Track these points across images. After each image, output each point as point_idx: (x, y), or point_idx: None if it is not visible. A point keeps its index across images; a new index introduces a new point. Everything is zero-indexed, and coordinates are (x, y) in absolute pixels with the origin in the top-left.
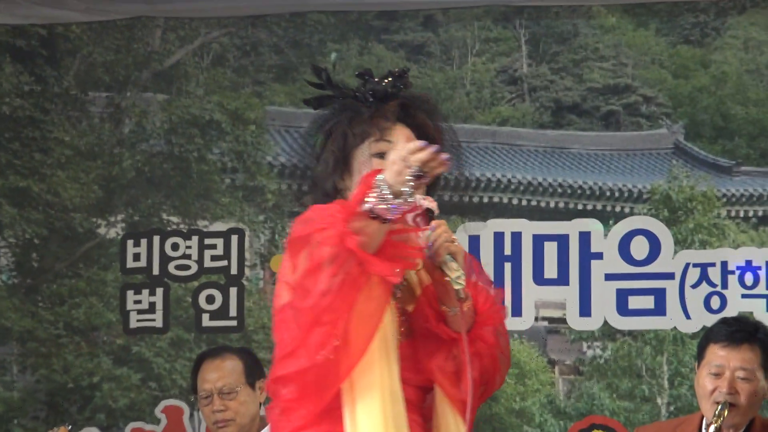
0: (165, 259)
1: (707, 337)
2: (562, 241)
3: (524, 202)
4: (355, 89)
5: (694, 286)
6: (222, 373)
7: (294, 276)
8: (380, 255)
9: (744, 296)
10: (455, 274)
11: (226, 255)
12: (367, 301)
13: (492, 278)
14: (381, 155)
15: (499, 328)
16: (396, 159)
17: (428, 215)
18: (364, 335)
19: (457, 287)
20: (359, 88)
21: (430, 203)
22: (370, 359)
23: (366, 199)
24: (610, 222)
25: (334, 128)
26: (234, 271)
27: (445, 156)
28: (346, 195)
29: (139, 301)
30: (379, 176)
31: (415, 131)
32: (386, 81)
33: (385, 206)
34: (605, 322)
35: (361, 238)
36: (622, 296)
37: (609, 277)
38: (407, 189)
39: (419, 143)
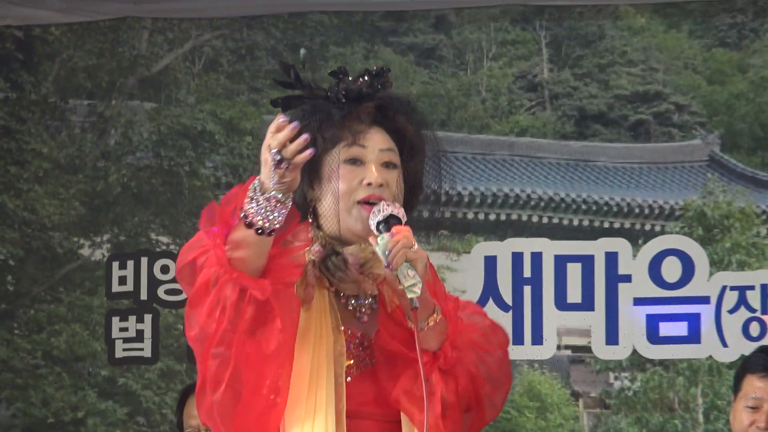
0: (154, 283)
1: (744, 367)
2: (587, 262)
3: (545, 220)
4: (328, 89)
5: (731, 311)
6: None
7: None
8: (265, 273)
9: None
10: (409, 282)
11: None
12: (265, 330)
13: (510, 303)
14: (353, 161)
15: (482, 343)
16: (263, 149)
17: (394, 223)
18: (268, 375)
19: (410, 296)
20: (332, 88)
21: (395, 209)
22: (293, 401)
23: (243, 208)
24: (640, 241)
25: (302, 132)
26: None
27: (304, 136)
28: (317, 206)
29: (125, 329)
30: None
31: (394, 136)
32: (361, 80)
33: (257, 212)
34: (634, 351)
35: (239, 253)
36: (653, 322)
37: (638, 301)
38: (275, 183)
39: (278, 121)
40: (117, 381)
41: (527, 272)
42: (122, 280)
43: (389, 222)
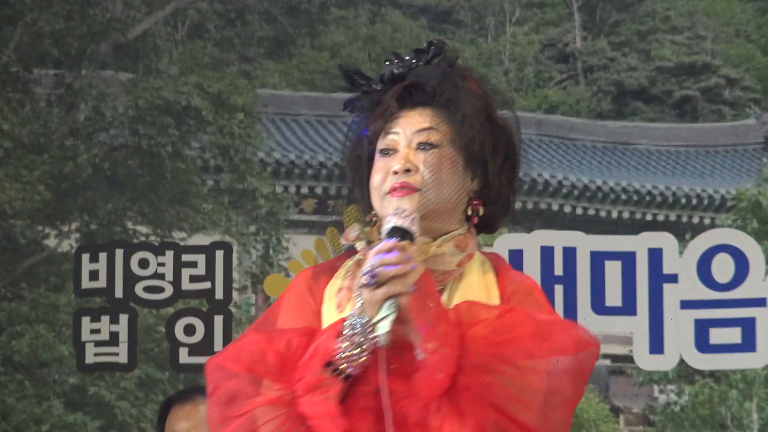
0: (131, 279)
1: None
2: (628, 259)
3: (579, 211)
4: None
5: None
6: (194, 421)
7: None
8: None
9: None
10: (381, 314)
11: (209, 275)
12: None
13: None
14: (386, 151)
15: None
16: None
17: (399, 237)
18: None
19: (377, 332)
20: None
21: (405, 221)
22: None
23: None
24: (687, 236)
25: (352, 132)
26: (219, 295)
27: (405, 258)
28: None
29: (97, 330)
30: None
31: (444, 110)
32: (403, 60)
33: (346, 353)
34: (681, 361)
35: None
36: (702, 328)
37: (685, 304)
38: (364, 310)
39: (387, 243)
40: (87, 390)
41: (559, 270)
42: (93, 275)
43: (394, 235)
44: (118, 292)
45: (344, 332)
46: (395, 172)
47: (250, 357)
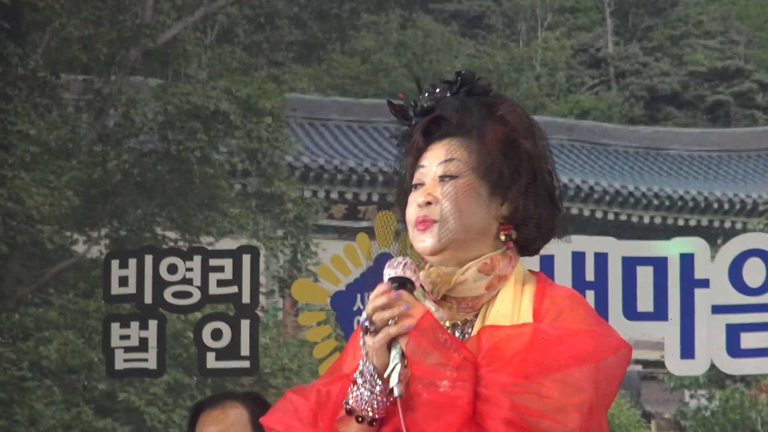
0: (160, 285)
1: None
2: (659, 265)
3: (611, 216)
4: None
5: None
6: (223, 425)
7: None
8: None
9: None
10: (389, 368)
11: (237, 279)
12: None
13: None
14: (416, 186)
15: (522, 375)
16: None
17: (402, 286)
18: None
19: (390, 384)
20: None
21: (394, 270)
22: None
23: (346, 399)
24: (719, 241)
25: (396, 166)
26: (246, 299)
27: (405, 306)
28: None
29: (126, 337)
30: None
31: (464, 141)
32: (433, 93)
33: (357, 396)
34: (712, 366)
35: None
36: (734, 333)
37: (717, 309)
38: (369, 356)
39: (380, 287)
40: (117, 396)
41: (590, 275)
42: (123, 281)
43: (395, 284)
44: (148, 298)
45: (356, 380)
46: (419, 205)
47: (286, 415)
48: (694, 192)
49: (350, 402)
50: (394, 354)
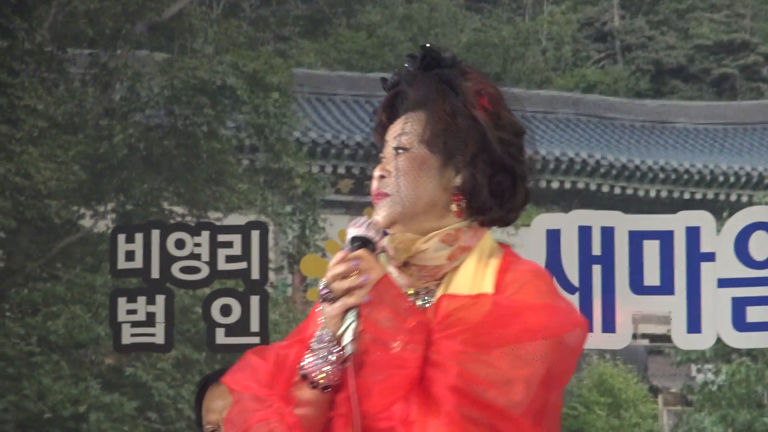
0: (167, 260)
1: None
2: (666, 239)
3: (617, 190)
4: None
5: None
6: (230, 400)
7: None
8: None
9: None
10: (342, 327)
11: (245, 255)
12: None
13: (576, 284)
14: (382, 159)
15: (471, 346)
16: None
17: (364, 244)
18: None
19: (343, 342)
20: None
21: (357, 229)
22: None
23: (301, 364)
24: (725, 214)
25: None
26: (255, 275)
27: (364, 278)
28: None
29: (133, 311)
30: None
31: (414, 119)
32: (401, 69)
33: (312, 362)
34: (719, 340)
35: (300, 412)
36: (739, 307)
37: (723, 283)
38: (326, 323)
39: (340, 253)
40: (124, 371)
41: (597, 249)
42: (130, 256)
43: (354, 244)
44: (155, 273)
45: (312, 347)
46: (375, 179)
47: (245, 376)
48: (700, 165)
49: (305, 367)
50: (350, 313)
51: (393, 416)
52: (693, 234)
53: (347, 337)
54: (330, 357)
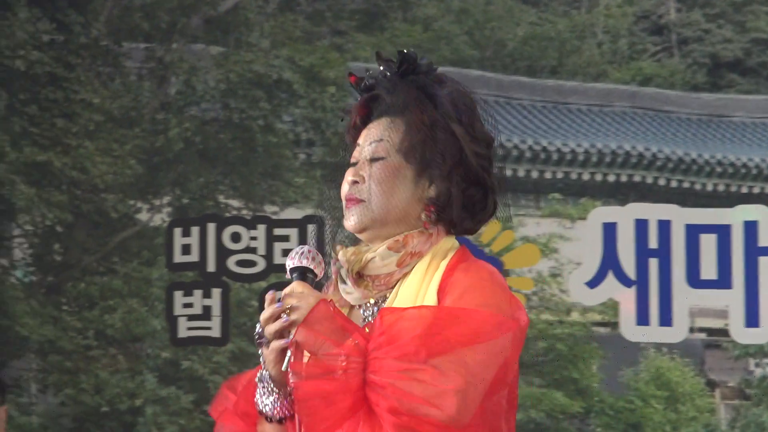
0: (223, 253)
1: None
2: (723, 233)
3: (674, 183)
4: None
5: None
6: None
7: None
8: None
9: None
10: (285, 360)
11: None
12: None
13: (633, 277)
14: (353, 163)
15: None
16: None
17: (303, 275)
18: None
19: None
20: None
21: (293, 261)
22: None
23: (255, 401)
24: None
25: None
26: None
27: (284, 319)
28: None
29: (189, 305)
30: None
31: (392, 126)
32: (376, 72)
33: (259, 395)
34: None
35: None
36: None
37: None
38: (267, 366)
39: (269, 295)
40: (180, 364)
41: (653, 243)
42: (186, 249)
43: (296, 274)
44: (211, 266)
45: (258, 385)
46: (348, 183)
47: (221, 407)
48: (758, 159)
49: (258, 405)
50: (290, 351)
51: None
52: (751, 228)
53: (285, 363)
54: (275, 395)
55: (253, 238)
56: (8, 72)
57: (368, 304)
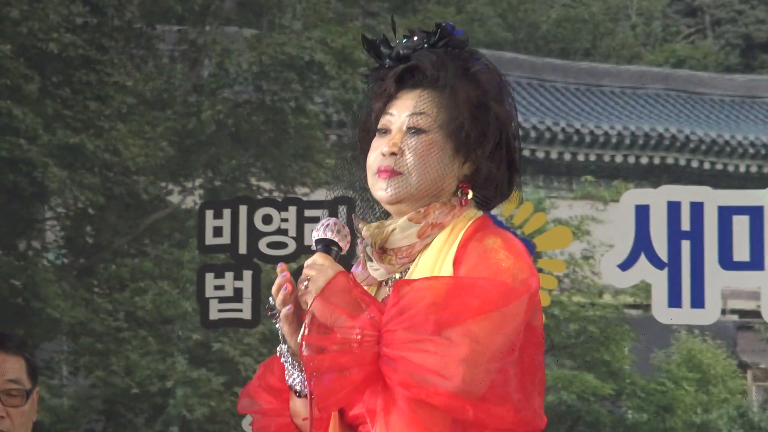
0: (254, 235)
1: None
2: (756, 214)
3: (706, 165)
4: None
5: None
6: None
7: None
8: None
9: None
10: (300, 333)
11: None
12: None
13: (665, 259)
14: (382, 131)
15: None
16: None
17: (328, 247)
18: None
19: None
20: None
21: (331, 233)
22: None
23: (286, 377)
24: None
25: (363, 107)
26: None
27: (285, 287)
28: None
29: (221, 287)
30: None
31: (436, 97)
32: (412, 41)
33: (290, 377)
34: None
35: (297, 422)
36: None
37: None
38: (284, 341)
39: (280, 269)
40: (211, 346)
41: (686, 225)
42: (217, 231)
43: (320, 246)
44: (242, 248)
45: (283, 361)
46: (383, 154)
47: (255, 392)
48: None
49: (288, 380)
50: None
51: (363, 405)
52: None
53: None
54: (298, 368)
55: (284, 220)
56: (41, 55)
57: (393, 279)
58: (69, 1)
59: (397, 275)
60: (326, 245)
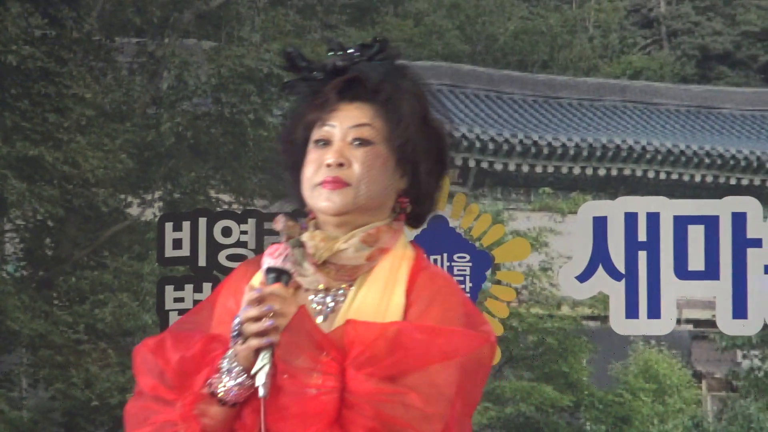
0: (214, 247)
1: None
2: (711, 224)
3: (662, 176)
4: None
5: None
6: None
7: None
8: None
9: None
10: (255, 367)
11: None
12: None
13: (622, 270)
14: (322, 142)
15: (386, 387)
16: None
17: (279, 277)
18: None
19: (256, 384)
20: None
21: (274, 260)
22: None
23: (210, 383)
24: None
25: (289, 118)
26: None
27: (269, 322)
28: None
29: (180, 299)
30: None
31: (382, 108)
32: (347, 53)
33: (223, 387)
34: (765, 326)
35: (206, 422)
36: None
37: None
38: (238, 359)
39: (252, 293)
40: None
41: (642, 235)
42: (177, 244)
43: (273, 274)
44: (202, 261)
45: (221, 369)
46: (328, 165)
47: (152, 376)
48: (746, 151)
49: (216, 390)
50: (264, 353)
51: None
52: (739, 220)
53: (260, 379)
54: (240, 382)
55: (244, 233)
56: (0, 67)
57: (318, 289)
58: (28, 13)
59: (322, 286)
60: (280, 274)
